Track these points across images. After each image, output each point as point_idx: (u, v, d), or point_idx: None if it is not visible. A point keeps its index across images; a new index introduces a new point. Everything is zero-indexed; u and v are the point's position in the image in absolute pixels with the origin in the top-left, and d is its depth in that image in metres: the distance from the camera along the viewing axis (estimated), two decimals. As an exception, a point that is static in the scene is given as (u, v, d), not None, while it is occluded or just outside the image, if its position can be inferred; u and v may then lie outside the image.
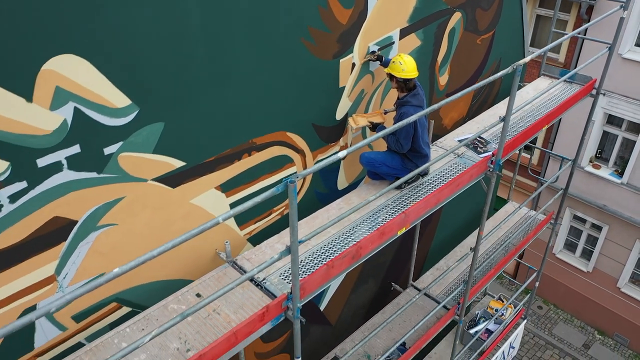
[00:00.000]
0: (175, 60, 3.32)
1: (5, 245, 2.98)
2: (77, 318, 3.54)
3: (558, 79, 6.60)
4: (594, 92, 6.75)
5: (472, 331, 7.97)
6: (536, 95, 5.50)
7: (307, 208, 4.61)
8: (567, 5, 13.62)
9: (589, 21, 13.20)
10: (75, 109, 2.97)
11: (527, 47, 6.77)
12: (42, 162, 2.95)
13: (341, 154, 3.03)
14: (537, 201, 16.24)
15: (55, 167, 3.02)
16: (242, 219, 4.30)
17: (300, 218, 4.29)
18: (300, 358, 3.69)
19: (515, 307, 8.44)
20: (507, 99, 4.74)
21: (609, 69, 8.06)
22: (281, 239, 4.19)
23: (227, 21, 3.49)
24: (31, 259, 3.13)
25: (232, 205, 4.12)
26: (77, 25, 2.80)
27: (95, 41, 2.91)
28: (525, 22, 6.48)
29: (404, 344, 5.70)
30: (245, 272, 3.90)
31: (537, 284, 8.56)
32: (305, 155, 4.56)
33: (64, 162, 3.04)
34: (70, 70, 2.86)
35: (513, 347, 8.68)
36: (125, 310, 3.81)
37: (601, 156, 14.82)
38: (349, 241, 4.03)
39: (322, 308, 5.84)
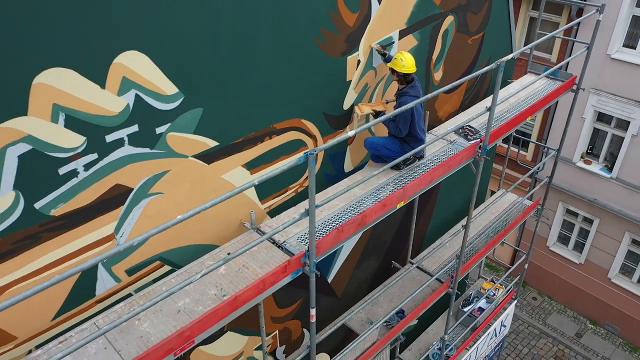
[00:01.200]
0: (212, 55, 4.04)
1: (78, 206, 3.70)
2: (129, 272, 4.25)
3: (547, 77, 7.34)
4: (574, 87, 7.43)
5: (465, 309, 8.71)
6: (519, 89, 6.24)
7: (318, 187, 5.31)
8: (559, 8, 14.37)
9: (578, 23, 13.94)
10: (136, 95, 3.69)
11: (515, 46, 7.50)
12: (109, 138, 3.67)
13: (350, 133, 3.77)
14: (545, 195, 16.92)
15: (119, 143, 3.73)
16: (263, 194, 5.02)
17: (313, 193, 4.99)
18: (314, 308, 4.42)
19: (505, 288, 9.15)
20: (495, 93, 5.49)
21: (599, 69, 8.69)
22: (297, 210, 4.91)
23: (254, 24, 4.21)
24: (96, 219, 3.85)
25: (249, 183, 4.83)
26: (141, 26, 3.52)
27: (153, 40, 3.62)
28: (512, 23, 7.21)
29: (402, 311, 6.41)
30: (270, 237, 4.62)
31: (526, 266, 9.25)
32: (317, 140, 5.29)
33: (126, 138, 3.76)
34: (134, 63, 3.58)
35: (504, 326, 9.38)
36: (166, 268, 4.52)
37: (592, 152, 15.54)
38: (356, 211, 4.75)
39: (329, 280, 6.56)
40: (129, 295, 4.31)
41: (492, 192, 9.91)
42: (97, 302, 4.13)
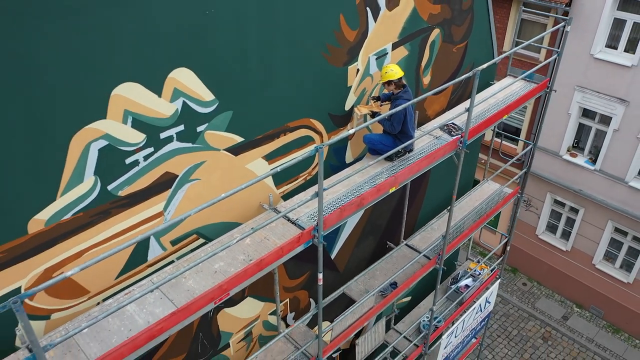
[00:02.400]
0: (240, 69, 5.08)
1: (138, 188, 4.75)
2: (173, 242, 5.31)
3: (523, 79, 8.37)
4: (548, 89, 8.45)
5: (453, 286, 9.80)
6: (497, 90, 7.29)
7: (324, 175, 6.34)
8: (546, 11, 15.35)
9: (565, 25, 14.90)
10: (183, 102, 4.73)
11: (496, 52, 8.52)
12: (162, 135, 4.71)
13: (351, 131, 4.82)
14: (523, 183, 18.01)
15: (169, 139, 4.78)
16: (278, 181, 6.08)
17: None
18: (322, 273, 5.48)
19: (490, 268, 10.23)
20: (479, 93, 6.55)
21: (583, 68, 9.60)
22: (306, 194, 5.95)
23: (272, 44, 5.25)
24: (151, 199, 4.90)
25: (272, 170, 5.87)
26: (188, 49, 4.56)
27: (196, 59, 4.66)
28: (492, 32, 8.23)
29: (395, 283, 7.48)
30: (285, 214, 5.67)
31: (508, 248, 10.31)
32: (322, 136, 6.33)
33: (174, 135, 4.81)
34: (183, 77, 4.62)
35: (489, 302, 10.45)
36: (200, 241, 5.58)
37: (578, 146, 16.58)
38: (355, 195, 5.80)
39: (332, 257, 7.62)
40: (172, 262, 5.37)
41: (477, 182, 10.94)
42: (148, 266, 5.20)
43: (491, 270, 10.28)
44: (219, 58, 4.85)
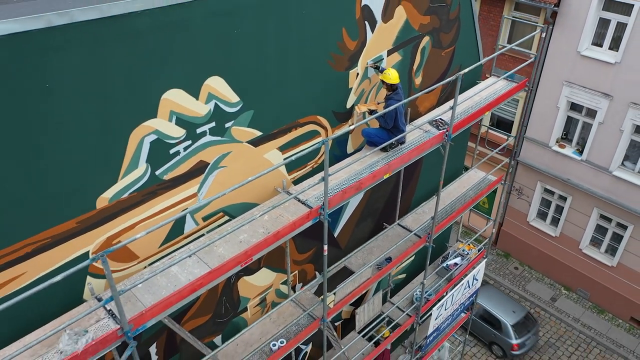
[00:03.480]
0: (260, 76, 6.20)
1: (178, 173, 5.90)
2: (204, 219, 6.48)
3: (505, 79, 9.48)
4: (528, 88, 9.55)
5: (443, 264, 10.98)
6: (479, 90, 8.39)
7: (328, 164, 7.49)
8: (536, 11, 16.35)
9: (554, 24, 15.96)
10: (215, 103, 5.87)
11: (482, 55, 9.61)
12: (198, 130, 5.85)
13: (352, 127, 5.95)
14: (514, 175, 19.15)
15: (204, 134, 5.92)
16: (289, 168, 7.22)
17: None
18: (326, 246, 6.64)
19: (477, 248, 11.39)
20: (465, 93, 7.69)
21: (571, 64, 10.64)
22: (314, 180, 7.09)
23: (286, 54, 6.36)
24: (188, 182, 6.05)
25: (285, 159, 7.00)
26: (219, 62, 5.68)
27: (226, 68, 5.79)
28: (478, 37, 9.31)
29: (389, 258, 8.64)
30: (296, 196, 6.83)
31: (493, 230, 11.46)
32: (327, 130, 7.46)
33: (207, 131, 5.94)
34: (215, 84, 5.75)
35: (477, 280, 11.61)
36: (225, 218, 6.74)
37: (567, 137, 17.67)
38: (355, 180, 6.94)
39: (335, 235, 8.79)
40: (202, 235, 6.53)
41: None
42: (184, 237, 6.36)
43: (478, 251, 11.44)
44: (244, 67, 5.98)
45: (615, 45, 15.23)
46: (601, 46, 15.57)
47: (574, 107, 16.93)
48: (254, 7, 5.72)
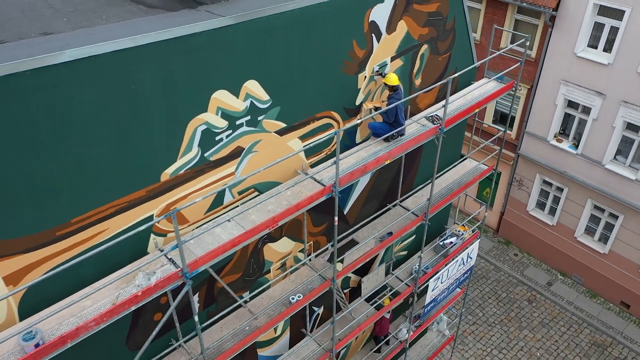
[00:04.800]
0: (286, 79, 7.83)
1: (221, 156, 7.56)
2: (239, 193, 8.15)
3: (495, 80, 10.98)
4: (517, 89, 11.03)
5: (440, 242, 12.56)
6: (472, 89, 9.92)
7: (340, 151, 9.10)
8: (537, 13, 17.71)
9: (552, 27, 17.31)
10: (251, 101, 7.51)
11: (475, 59, 11.11)
12: (237, 122, 7.51)
13: (360, 120, 7.56)
14: (514, 167, 20.55)
15: (241, 125, 7.58)
16: (308, 154, 8.84)
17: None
18: (337, 217, 8.27)
19: (471, 229, 12.94)
20: (460, 92, 9.29)
21: (567, 64, 12.13)
22: (328, 163, 8.70)
23: (307, 61, 7.97)
24: (228, 163, 7.72)
25: (304, 147, 8.64)
26: (255, 68, 7.32)
27: (260, 73, 7.42)
28: (472, 44, 10.82)
29: (390, 232, 10.25)
30: (312, 176, 8.45)
31: (486, 214, 12.99)
32: (339, 123, 9.07)
33: (244, 122, 7.60)
34: (251, 85, 7.40)
35: (471, 257, 13.17)
36: (255, 193, 8.40)
37: (564, 132, 19.05)
38: (361, 164, 8.54)
39: (345, 212, 10.41)
40: (237, 206, 8.20)
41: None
42: (223, 207, 8.04)
43: (472, 232, 13.00)
44: (274, 73, 7.61)
45: (609, 47, 16.56)
46: (596, 48, 16.90)
47: (571, 104, 18.28)
48: (283, 27, 7.35)
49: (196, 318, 7.15)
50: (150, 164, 6.82)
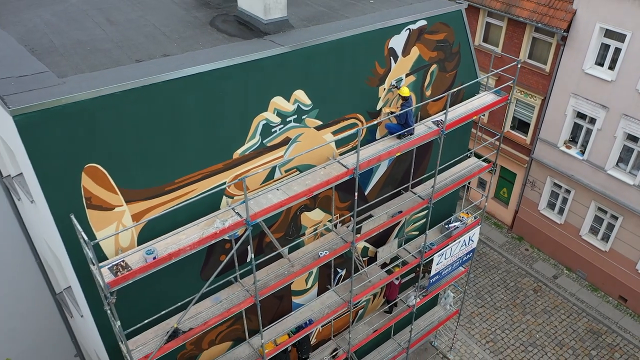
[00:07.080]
0: (324, 89, 10.94)
1: (275, 143, 10.74)
2: (285, 171, 11.31)
3: (493, 93, 13.77)
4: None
5: (446, 225, 15.42)
6: (472, 99, 12.78)
7: (361, 144, 12.12)
8: (551, 33, 20.17)
9: (564, 45, 19.75)
10: (297, 105, 10.66)
11: (478, 74, 13.92)
12: (287, 119, 10.68)
13: (378, 120, 10.61)
14: (528, 169, 22.98)
15: (290, 121, 10.76)
16: (338, 145, 11.92)
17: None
18: (357, 194, 11.33)
19: (472, 216, 15.72)
20: (463, 102, 12.25)
21: (577, 80, 14.89)
22: (352, 153, 11.73)
23: (340, 76, 11.05)
24: (278, 148, 10.91)
25: (335, 139, 11.70)
26: (300, 82, 10.46)
27: (304, 85, 10.56)
28: (475, 63, 13.63)
29: (400, 210, 13.22)
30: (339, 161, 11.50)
31: (485, 204, 15.74)
32: (362, 123, 12.11)
33: (292, 120, 10.78)
34: (299, 93, 10.56)
35: (472, 240, 15.94)
36: (297, 173, 11.53)
37: (573, 140, 21.41)
38: (377, 154, 11.55)
39: (366, 193, 13.44)
40: (282, 180, 11.36)
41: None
42: (273, 180, 11.21)
43: (474, 218, 15.78)
44: (315, 84, 10.73)
45: (614, 65, 18.90)
46: (602, 65, 19.26)
47: (579, 115, 20.66)
48: (323, 52, 10.47)
49: (251, 255, 10.36)
50: (227, 145, 10.06)
